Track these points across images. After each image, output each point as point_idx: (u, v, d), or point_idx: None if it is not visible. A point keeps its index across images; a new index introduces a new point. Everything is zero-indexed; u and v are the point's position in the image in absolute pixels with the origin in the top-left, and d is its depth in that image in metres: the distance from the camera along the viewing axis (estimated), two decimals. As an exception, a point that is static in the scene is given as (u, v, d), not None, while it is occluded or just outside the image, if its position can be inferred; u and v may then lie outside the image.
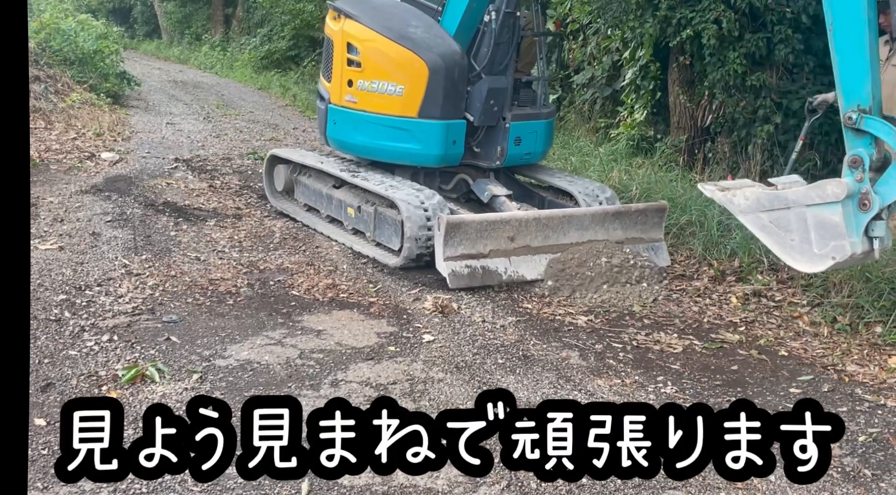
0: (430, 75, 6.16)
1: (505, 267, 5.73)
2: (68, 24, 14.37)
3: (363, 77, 6.44)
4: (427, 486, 3.26)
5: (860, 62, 4.25)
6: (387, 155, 6.51)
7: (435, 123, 6.24)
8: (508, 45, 6.39)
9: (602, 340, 4.89)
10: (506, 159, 6.51)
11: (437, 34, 6.33)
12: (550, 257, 5.80)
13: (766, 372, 4.57)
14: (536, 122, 6.67)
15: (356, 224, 6.48)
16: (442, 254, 5.56)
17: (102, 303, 4.95)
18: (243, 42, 23.08)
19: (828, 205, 4.28)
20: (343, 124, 6.66)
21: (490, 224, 5.76)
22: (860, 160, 4.22)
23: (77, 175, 8.22)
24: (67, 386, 3.91)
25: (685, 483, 3.37)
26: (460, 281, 5.55)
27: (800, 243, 4.37)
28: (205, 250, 6.12)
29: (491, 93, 6.31)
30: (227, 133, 11.62)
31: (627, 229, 6.15)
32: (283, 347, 4.52)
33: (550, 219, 5.97)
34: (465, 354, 4.56)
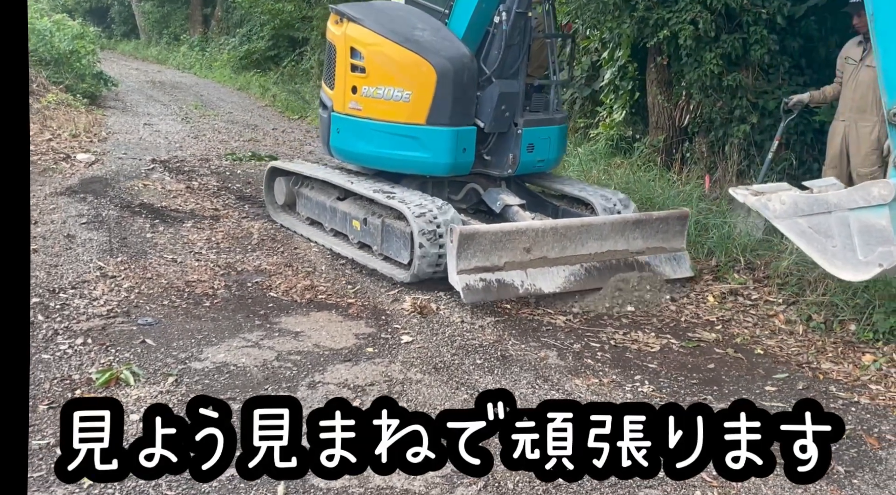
0: (439, 80, 5.86)
1: (521, 280, 5.41)
2: (43, 24, 14.22)
3: (368, 83, 6.12)
4: (404, 488, 3.25)
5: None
6: (394, 164, 6.21)
7: (444, 130, 5.92)
8: (520, 48, 6.09)
9: (580, 340, 4.91)
10: (518, 167, 6.20)
11: (444, 37, 6.04)
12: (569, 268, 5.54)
13: (742, 370, 4.60)
14: (550, 128, 6.36)
15: (362, 237, 6.17)
16: (455, 267, 5.24)
17: (77, 306, 4.90)
18: (222, 42, 22.96)
19: (873, 208, 4.03)
20: (347, 133, 6.35)
21: (505, 235, 5.43)
22: None
23: (52, 176, 8.14)
24: (40, 390, 3.86)
25: (660, 481, 3.39)
26: (475, 295, 5.25)
27: (842, 249, 4.10)
28: (181, 252, 6.08)
29: (502, 97, 6.01)
30: (205, 134, 11.55)
31: (648, 238, 5.85)
32: (260, 349, 4.49)
33: (568, 228, 5.64)
34: (444, 355, 4.56)
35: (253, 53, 20.07)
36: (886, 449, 3.75)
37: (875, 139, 6.29)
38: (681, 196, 7.08)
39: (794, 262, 5.69)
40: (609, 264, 5.71)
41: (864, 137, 6.33)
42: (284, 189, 7.06)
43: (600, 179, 7.91)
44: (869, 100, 6.28)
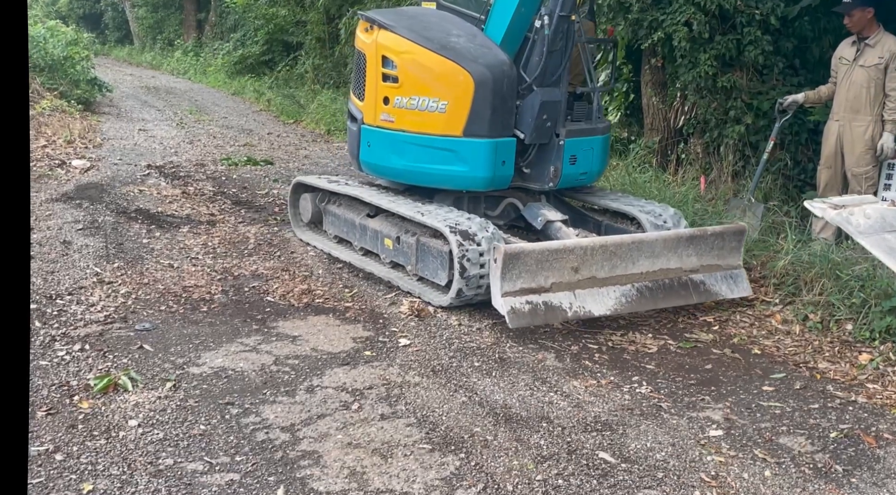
0: (477, 89, 5.48)
1: (570, 301, 5.04)
2: (37, 31, 14.22)
3: (401, 93, 5.75)
4: (404, 491, 3.25)
5: None
6: (429, 179, 5.82)
7: (482, 142, 5.54)
8: (562, 54, 5.67)
9: (578, 342, 4.91)
10: (560, 180, 5.79)
11: (482, 43, 5.68)
12: (620, 288, 5.20)
13: (740, 370, 4.61)
14: (593, 138, 5.96)
15: (395, 257, 5.82)
16: (500, 290, 4.85)
17: (74, 312, 4.89)
18: (216, 47, 22.97)
19: None
20: (379, 147, 5.97)
21: (552, 253, 5.02)
22: None
23: (47, 183, 8.13)
24: (38, 396, 3.85)
25: (659, 481, 3.40)
26: (521, 319, 4.85)
27: None
28: (178, 257, 6.07)
29: (543, 106, 5.60)
30: (200, 139, 11.54)
31: (702, 255, 5.50)
32: (258, 354, 4.49)
33: (619, 246, 5.23)
34: (442, 358, 4.56)
35: (247, 58, 20.08)
36: (884, 448, 3.76)
37: (869, 138, 6.32)
38: (676, 197, 7.09)
39: (790, 262, 5.70)
40: (662, 284, 5.37)
41: (858, 137, 6.35)
42: (310, 206, 6.70)
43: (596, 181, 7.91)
44: (863, 99, 6.31)
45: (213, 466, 3.35)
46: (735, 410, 4.10)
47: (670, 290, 5.39)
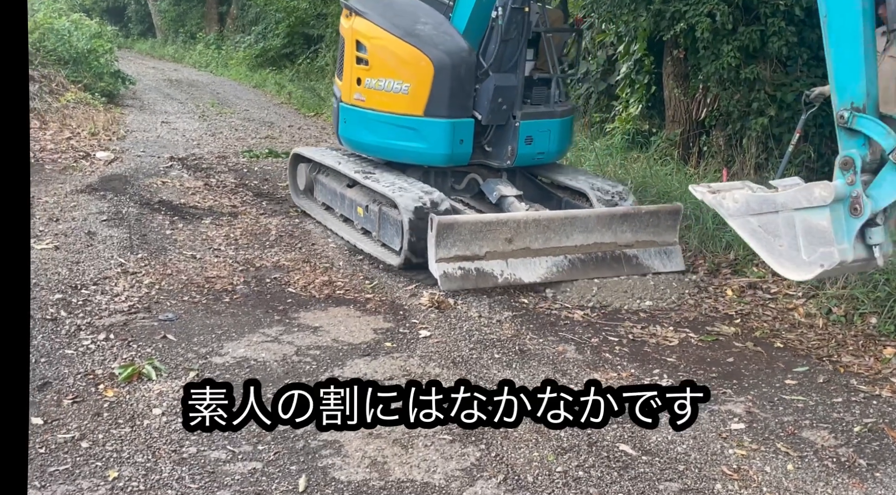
0: (436, 73, 6.01)
1: (502, 269, 5.56)
2: (62, 24, 14.35)
3: (371, 75, 6.34)
4: (424, 481, 3.27)
5: (854, 57, 3.97)
6: (394, 154, 6.39)
7: (441, 122, 6.08)
8: (517, 43, 6.15)
9: (598, 334, 4.90)
10: (516, 159, 6.29)
11: (445, 31, 6.19)
12: (552, 259, 5.67)
13: (762, 363, 4.58)
14: (549, 121, 6.40)
15: (364, 223, 6.36)
16: (434, 255, 5.43)
17: (98, 302, 4.95)
18: (238, 40, 23.05)
19: (815, 209, 4.03)
20: (352, 123, 6.60)
21: (486, 225, 5.57)
22: (851, 162, 3.95)
23: (72, 174, 8.21)
24: (64, 384, 3.90)
25: (681, 474, 3.39)
26: (452, 283, 5.42)
27: (788, 249, 4.13)
28: (201, 248, 6.12)
29: (498, 91, 6.09)
30: (222, 131, 11.61)
31: (637, 232, 5.91)
32: (280, 344, 4.52)
33: (552, 220, 5.77)
34: (462, 349, 4.57)
35: (268, 51, 20.13)
36: (908, 443, 3.72)
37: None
38: (698, 190, 7.03)
39: (813, 255, 5.65)
40: (595, 256, 5.81)
41: (884, 129, 6.26)
42: (304, 175, 7.31)
43: (616, 173, 7.89)
44: (891, 91, 6.20)
45: (236, 455, 3.38)
46: (757, 404, 4.08)
47: (602, 263, 5.82)
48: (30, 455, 3.31)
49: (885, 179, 3.95)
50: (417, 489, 3.22)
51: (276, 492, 3.16)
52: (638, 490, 3.28)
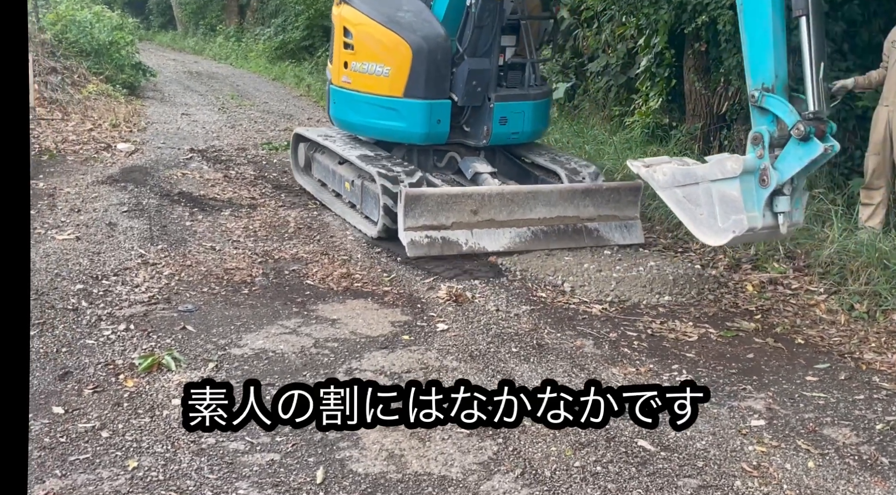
0: (414, 57, 6.43)
1: (467, 238, 5.99)
2: (84, 16, 14.44)
3: (356, 59, 6.81)
4: (441, 474, 3.27)
5: (764, 42, 4.46)
6: (377, 133, 6.86)
7: (419, 103, 6.50)
8: (491, 29, 6.54)
9: (616, 329, 4.88)
10: (491, 138, 6.69)
11: (424, 18, 6.63)
12: (516, 230, 6.10)
13: (783, 360, 4.54)
14: (523, 103, 6.79)
15: (351, 197, 6.84)
16: (403, 225, 5.87)
17: (119, 293, 4.99)
18: (257, 32, 23.11)
19: (728, 180, 4.47)
20: (341, 104, 7.07)
21: (451, 197, 6.00)
22: (760, 137, 4.45)
23: (93, 166, 8.27)
24: (85, 374, 3.94)
25: (699, 470, 3.37)
26: (419, 249, 5.86)
27: (707, 217, 4.57)
28: (220, 240, 6.15)
29: (473, 74, 6.50)
30: (241, 123, 11.65)
31: (599, 207, 6.31)
32: (298, 336, 4.53)
33: (516, 194, 6.17)
34: (479, 343, 4.56)
35: (288, 43, 20.17)
36: (931, 441, 3.68)
37: (920, 125, 6.15)
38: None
39: (835, 251, 5.59)
40: (557, 229, 6.22)
41: (908, 123, 6.19)
42: (303, 154, 7.80)
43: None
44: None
45: (254, 446, 3.40)
46: (777, 400, 4.05)
47: (564, 235, 6.24)
48: (51, 443, 3.34)
49: (788, 153, 4.44)
50: (435, 482, 3.22)
51: (293, 484, 3.17)
52: (656, 485, 3.27)
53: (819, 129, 4.44)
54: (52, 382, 3.84)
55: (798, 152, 4.43)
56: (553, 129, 9.93)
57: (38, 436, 3.39)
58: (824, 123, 4.50)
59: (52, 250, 5.65)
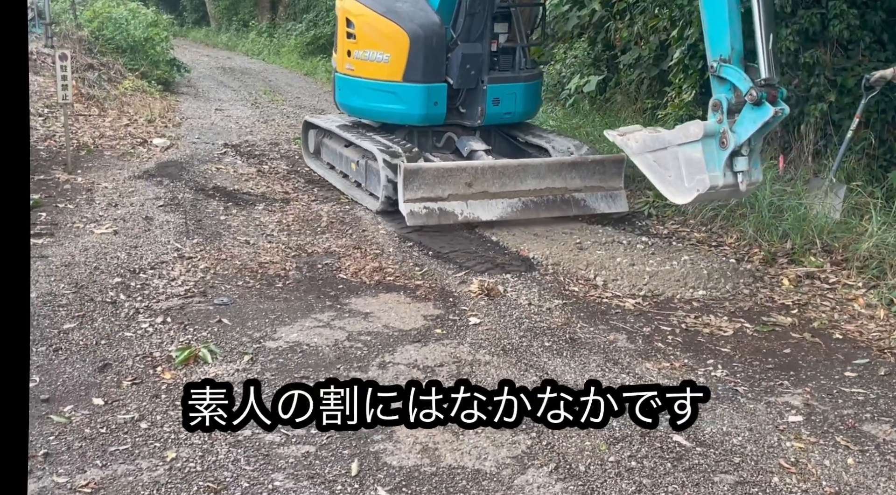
0: (411, 44, 6.94)
1: (462, 209, 6.41)
2: (120, 13, 14.62)
3: (358, 47, 7.34)
4: (475, 468, 3.28)
5: (721, 18, 4.91)
6: (379, 115, 7.36)
7: (417, 86, 7.01)
8: (482, 16, 7.07)
9: (650, 323, 4.84)
10: (485, 118, 7.18)
11: (421, 8, 7.16)
12: (508, 201, 6.51)
13: (820, 355, 4.48)
14: (514, 85, 7.31)
15: (357, 177, 7.29)
16: (402, 197, 6.31)
17: (156, 286, 5.06)
18: (289, 28, 23.23)
19: (691, 143, 4.94)
20: (345, 90, 7.60)
21: (447, 171, 6.45)
22: (719, 104, 4.93)
23: (130, 161, 8.38)
24: (123, 366, 4.00)
25: (736, 466, 3.34)
26: (417, 219, 6.30)
27: (675, 179, 5.01)
28: (254, 234, 6.21)
29: (466, 58, 7.00)
30: (274, 118, 11.73)
31: (586, 178, 6.75)
32: (332, 329, 4.56)
33: (507, 167, 6.63)
34: (512, 337, 4.55)
35: (319, 38, 20.25)
36: (974, 439, 3.61)
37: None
38: (754, 177, 6.88)
39: (874, 245, 5.50)
40: (546, 199, 6.66)
41: (950, 115, 6.07)
42: (313, 139, 8.39)
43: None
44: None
45: (290, 438, 3.43)
46: (815, 396, 4.00)
47: (553, 204, 6.68)
48: (92, 434, 3.41)
49: (744, 117, 4.89)
50: (468, 476, 3.23)
51: (328, 476, 3.20)
52: (692, 481, 3.24)
53: (770, 95, 4.85)
54: (91, 374, 3.91)
55: (752, 116, 4.86)
56: (584, 122, 9.87)
57: (79, 427, 3.45)
58: (775, 89, 4.90)
59: (91, 244, 5.74)
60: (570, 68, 11.41)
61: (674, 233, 6.53)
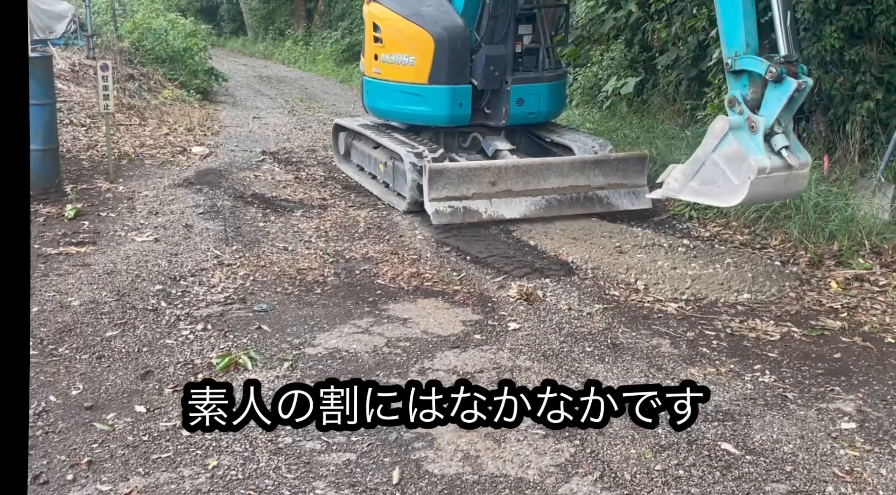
0: (436, 47, 7.04)
1: (486, 208, 6.50)
2: (159, 24, 14.84)
3: (385, 51, 7.44)
4: (518, 476, 3.22)
5: (735, 14, 4.93)
6: (406, 117, 7.48)
7: (442, 88, 7.11)
8: (505, 19, 7.18)
9: (694, 328, 4.74)
10: (510, 118, 7.25)
11: (444, 10, 7.27)
12: (531, 199, 6.59)
13: (872, 360, 4.35)
14: (538, 85, 7.37)
15: (385, 178, 7.40)
16: (428, 196, 6.42)
17: (196, 293, 5.08)
18: (325, 36, 23.40)
19: (724, 140, 4.90)
20: (372, 93, 7.73)
21: (471, 170, 6.54)
22: (735, 100, 4.91)
23: (170, 169, 8.48)
24: (165, 373, 4.02)
25: (788, 475, 3.24)
26: (443, 218, 6.41)
27: (724, 185, 4.92)
28: (292, 240, 6.22)
29: (489, 60, 7.09)
30: (310, 125, 11.79)
31: (609, 176, 6.80)
32: (370, 335, 4.54)
33: (530, 166, 6.72)
34: (552, 342, 4.49)
35: (355, 46, 20.33)
36: None
37: None
38: (799, 178, 6.73)
39: (926, 246, 5.34)
40: (569, 197, 6.72)
41: None
42: (343, 142, 8.55)
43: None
44: None
45: (330, 446, 3.41)
46: (868, 402, 3.87)
47: (576, 202, 6.75)
48: (133, 442, 3.42)
49: (768, 97, 4.84)
50: (511, 484, 3.18)
51: (370, 484, 3.17)
52: (742, 490, 3.15)
53: (790, 70, 4.80)
54: (134, 381, 3.93)
55: (776, 93, 4.80)
56: (622, 124, 9.76)
57: (122, 435, 3.46)
58: (794, 65, 4.84)
59: (133, 252, 5.80)
60: (607, 70, 11.29)
61: (716, 236, 6.41)
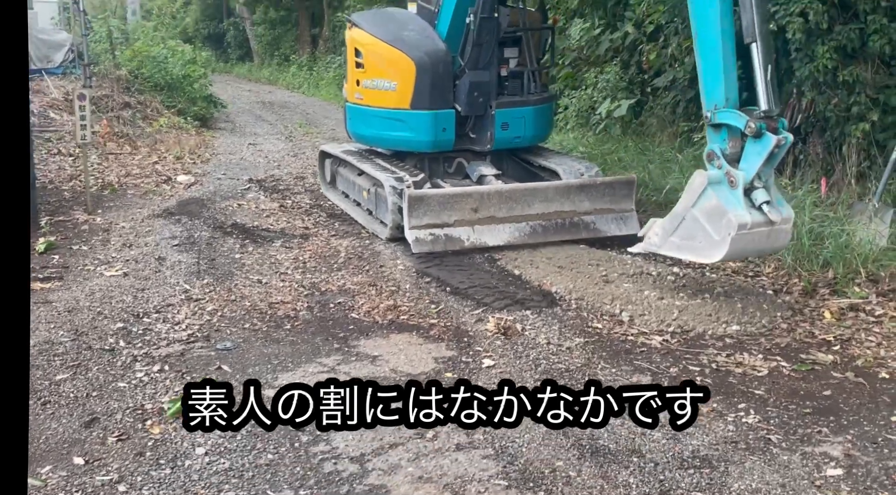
0: (418, 71, 6.92)
1: (468, 235, 6.34)
2: (158, 51, 14.84)
3: (366, 76, 7.36)
4: None
5: (715, 69, 4.86)
6: (389, 143, 7.38)
7: (425, 113, 6.99)
8: (490, 44, 7.05)
9: (678, 363, 4.52)
10: (495, 143, 7.13)
11: (427, 36, 7.16)
12: (515, 225, 6.42)
13: (864, 397, 4.10)
14: (524, 109, 7.23)
15: (368, 205, 7.29)
16: (408, 224, 6.27)
17: (158, 331, 4.90)
18: (328, 61, 23.44)
19: (702, 195, 4.83)
20: (355, 118, 7.64)
21: (452, 197, 6.40)
22: (714, 154, 4.86)
23: (152, 199, 8.35)
24: (112, 421, 3.82)
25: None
26: (423, 246, 6.25)
27: (705, 240, 4.85)
28: (268, 272, 6.04)
29: (473, 86, 7.01)
30: (304, 151, 11.68)
31: (595, 201, 6.66)
32: (336, 375, 4.33)
33: (513, 192, 6.56)
34: (527, 381, 4.27)
35: (356, 70, 20.33)
36: None
37: None
38: (793, 202, 6.51)
39: (924, 274, 5.10)
40: (555, 223, 6.56)
41: None
42: (329, 168, 8.45)
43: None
44: None
45: (271, 501, 3.20)
46: (857, 445, 3.63)
47: (562, 228, 6.59)
48: (67, 496, 3.22)
49: (748, 151, 4.79)
50: None
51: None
52: (711, 550, 2.92)
53: (770, 125, 4.75)
54: (77, 430, 3.74)
55: (756, 148, 4.74)
56: (617, 147, 9.58)
57: (54, 492, 3.26)
58: (775, 120, 4.79)
59: (99, 287, 5.63)
60: (602, 93, 11.13)
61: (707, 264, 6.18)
